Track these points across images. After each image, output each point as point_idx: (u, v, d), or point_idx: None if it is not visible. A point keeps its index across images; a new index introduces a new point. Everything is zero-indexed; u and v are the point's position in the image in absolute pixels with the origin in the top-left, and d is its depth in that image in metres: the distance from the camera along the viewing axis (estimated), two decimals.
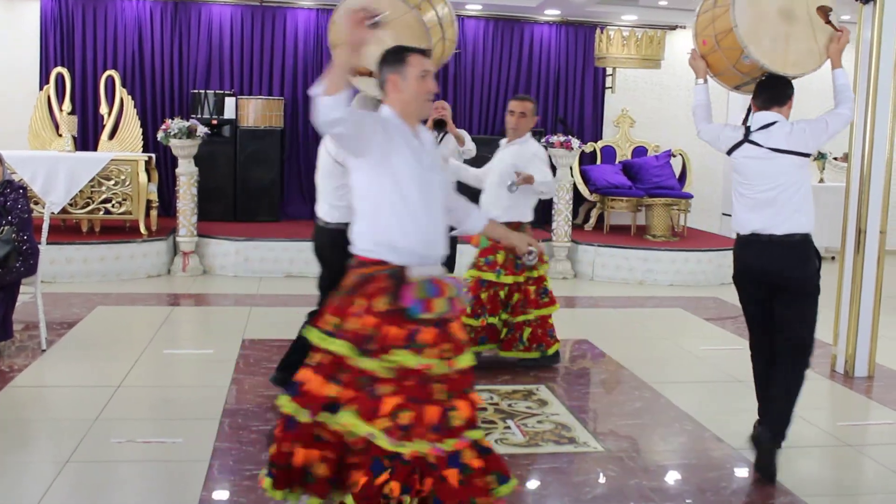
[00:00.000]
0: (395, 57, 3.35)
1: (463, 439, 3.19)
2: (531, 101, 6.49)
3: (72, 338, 6.75)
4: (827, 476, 4.73)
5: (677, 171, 11.80)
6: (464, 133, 8.13)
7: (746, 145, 4.55)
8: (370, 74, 4.25)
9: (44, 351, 6.30)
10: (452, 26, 5.13)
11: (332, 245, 4.75)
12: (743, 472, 4.54)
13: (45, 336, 6.38)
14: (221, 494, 4.07)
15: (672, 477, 4.45)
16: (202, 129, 9.49)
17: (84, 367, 6.01)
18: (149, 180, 9.85)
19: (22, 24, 11.38)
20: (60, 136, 10.19)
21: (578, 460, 4.62)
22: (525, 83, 12.43)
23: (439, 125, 7.99)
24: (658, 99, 12.84)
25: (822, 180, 13.18)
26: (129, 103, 10.54)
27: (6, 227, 6.03)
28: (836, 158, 13.33)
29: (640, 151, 12.25)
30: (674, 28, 12.71)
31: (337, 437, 3.19)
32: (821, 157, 13.23)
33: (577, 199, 11.34)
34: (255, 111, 11.19)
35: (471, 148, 6.73)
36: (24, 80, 11.24)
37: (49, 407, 5.32)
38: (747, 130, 4.60)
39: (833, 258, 12.43)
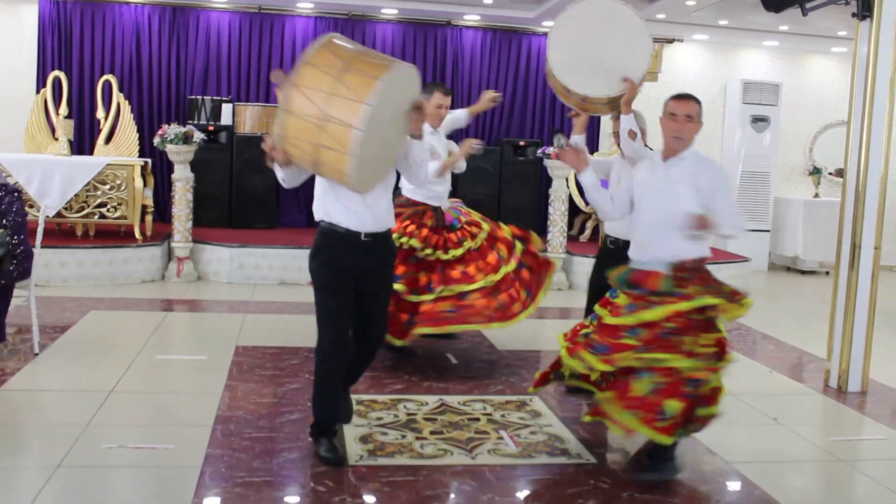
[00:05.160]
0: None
1: None
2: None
3: (65, 342, 6.73)
4: (819, 491, 4.72)
5: None
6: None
7: None
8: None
9: (36, 355, 6.28)
10: None
11: None
12: (735, 486, 4.54)
13: (37, 340, 6.36)
14: (213, 501, 4.04)
15: (664, 490, 4.43)
16: (198, 135, 9.49)
17: (76, 372, 5.99)
18: (144, 185, 9.85)
19: (20, 27, 11.39)
20: (56, 139, 10.19)
21: (571, 472, 4.61)
22: (522, 94, 12.46)
23: None
24: (654, 111, 12.78)
25: (817, 195, 13.23)
26: (126, 108, 10.55)
27: (0, 230, 6.02)
28: (831, 173, 13.37)
29: None
30: (671, 41, 12.76)
31: None
32: (816, 171, 13.27)
33: (573, 210, 11.35)
34: (251, 118, 11.19)
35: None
36: (21, 83, 11.26)
37: (41, 411, 5.30)
38: None
39: (827, 273, 12.48)
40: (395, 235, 5.88)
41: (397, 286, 5.90)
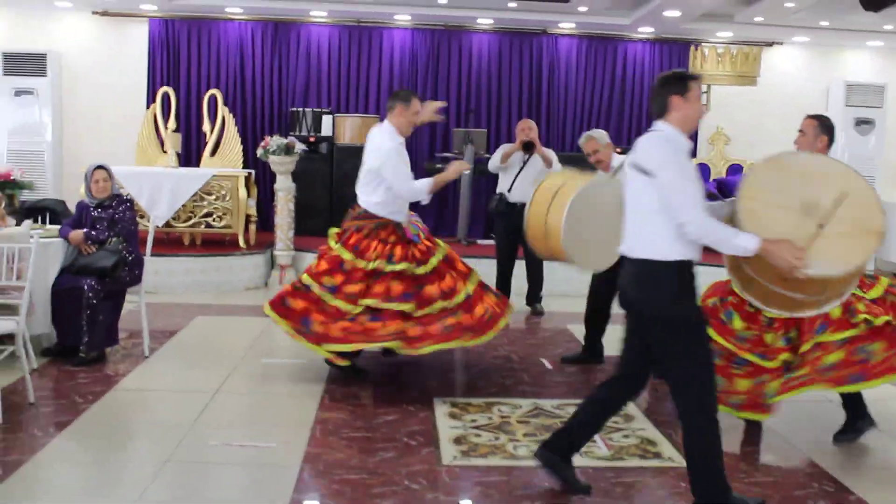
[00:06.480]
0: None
1: None
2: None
3: (173, 346, 7.02)
4: None
5: None
6: (551, 154, 8.14)
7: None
8: None
9: (146, 357, 6.57)
10: None
11: None
12: (830, 491, 4.48)
13: (147, 343, 6.66)
14: (312, 498, 4.20)
15: (758, 493, 4.40)
16: (300, 146, 9.73)
17: (184, 374, 6.25)
18: (248, 195, 10.16)
19: (131, 46, 11.88)
20: (165, 152, 10.59)
21: (663, 475, 4.62)
22: (619, 102, 12.42)
23: (528, 147, 8.04)
24: (753, 116, 12.66)
25: None
26: (231, 121, 10.90)
27: (114, 238, 6.35)
28: None
29: (735, 169, 12.08)
30: (770, 44, 12.54)
31: None
32: None
33: None
34: (351, 128, 11.42)
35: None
36: (133, 100, 11.75)
37: (151, 410, 5.55)
38: None
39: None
40: (371, 263, 5.97)
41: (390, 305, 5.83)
